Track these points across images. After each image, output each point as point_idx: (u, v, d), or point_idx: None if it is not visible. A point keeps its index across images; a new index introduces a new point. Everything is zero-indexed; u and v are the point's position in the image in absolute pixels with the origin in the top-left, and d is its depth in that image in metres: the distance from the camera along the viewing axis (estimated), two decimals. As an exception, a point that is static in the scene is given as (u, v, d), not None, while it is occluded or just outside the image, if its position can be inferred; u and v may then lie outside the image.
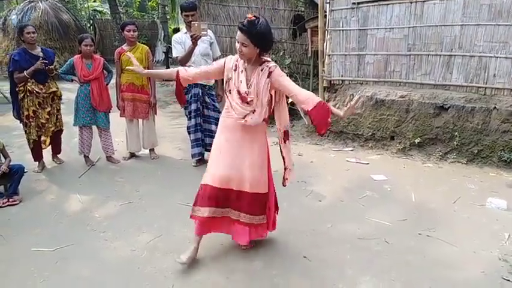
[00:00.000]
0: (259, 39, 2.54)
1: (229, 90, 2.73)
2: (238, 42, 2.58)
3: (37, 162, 4.79)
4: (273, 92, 2.76)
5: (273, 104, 2.84)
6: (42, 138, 4.76)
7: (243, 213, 2.87)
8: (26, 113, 4.53)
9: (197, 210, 2.89)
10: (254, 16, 2.53)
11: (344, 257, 3.01)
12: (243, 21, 2.54)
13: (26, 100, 4.49)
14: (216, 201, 2.85)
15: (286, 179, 3.01)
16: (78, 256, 3.03)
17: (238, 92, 2.66)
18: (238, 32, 2.55)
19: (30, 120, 4.55)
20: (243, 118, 2.69)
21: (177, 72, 2.83)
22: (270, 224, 3.06)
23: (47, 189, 4.29)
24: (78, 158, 5.05)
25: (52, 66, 4.49)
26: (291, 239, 3.25)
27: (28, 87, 4.46)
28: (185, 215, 3.63)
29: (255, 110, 2.67)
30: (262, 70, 2.65)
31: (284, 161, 2.96)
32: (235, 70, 2.70)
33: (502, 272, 2.81)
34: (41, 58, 4.40)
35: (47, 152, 4.92)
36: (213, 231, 3.01)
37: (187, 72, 2.84)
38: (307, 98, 2.57)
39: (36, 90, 4.49)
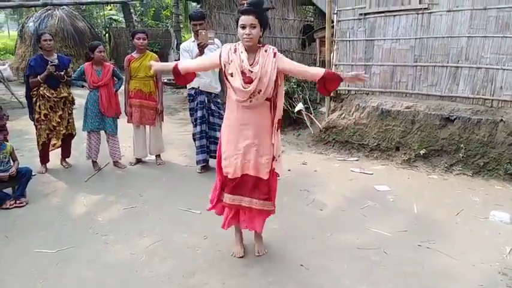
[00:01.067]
0: (265, 18, 2.66)
1: (231, 74, 2.68)
2: (244, 27, 2.59)
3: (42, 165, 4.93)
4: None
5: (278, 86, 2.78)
6: (53, 141, 4.91)
7: (255, 199, 2.89)
8: (37, 116, 4.70)
9: (225, 197, 2.97)
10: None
11: (341, 267, 3.01)
12: (247, 5, 2.60)
13: (38, 103, 4.68)
14: (229, 188, 2.90)
15: (275, 169, 2.93)
16: (79, 258, 3.09)
17: (242, 73, 2.65)
18: (244, 16, 2.58)
19: (41, 123, 4.72)
20: (248, 99, 2.67)
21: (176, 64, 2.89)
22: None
23: (53, 192, 4.38)
24: (86, 162, 5.15)
25: (62, 73, 4.63)
26: (289, 247, 3.25)
27: (40, 92, 4.64)
28: (186, 221, 3.71)
29: (260, 90, 2.64)
30: (266, 51, 2.67)
31: (274, 150, 2.87)
32: (235, 52, 2.70)
33: (500, 286, 2.77)
34: (50, 62, 4.54)
35: (55, 156, 5.02)
36: (233, 223, 3.04)
37: (184, 63, 2.95)
38: (317, 71, 2.71)
39: (48, 94, 4.65)
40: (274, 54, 2.68)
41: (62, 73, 4.65)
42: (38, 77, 4.56)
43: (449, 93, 5.16)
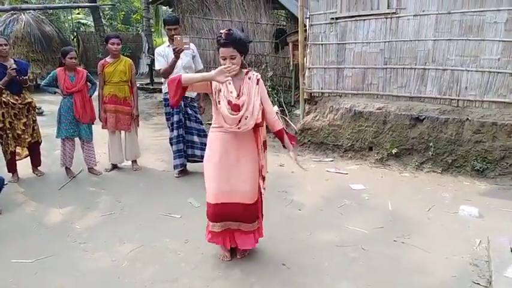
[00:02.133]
0: (243, 45, 2.69)
1: (219, 101, 2.78)
2: (224, 59, 2.65)
3: (11, 174, 4.78)
4: None
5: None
6: (17, 149, 4.76)
7: (243, 222, 2.98)
8: (1, 125, 4.52)
9: (212, 226, 3.00)
10: (226, 29, 2.68)
11: (322, 264, 3.09)
12: (222, 38, 2.63)
13: (1, 112, 4.49)
14: (218, 216, 2.94)
15: (264, 188, 3.06)
16: (58, 267, 3.04)
17: (229, 102, 2.73)
18: (223, 49, 2.64)
19: (8, 132, 4.56)
20: (236, 125, 2.75)
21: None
22: (261, 231, 3.15)
23: (27, 201, 4.27)
24: (59, 170, 5.04)
25: (26, 77, 4.50)
26: (271, 247, 3.31)
27: (3, 99, 4.47)
28: (167, 226, 3.70)
29: (247, 117, 2.74)
30: (250, 78, 2.79)
31: (262, 171, 3.01)
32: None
33: (473, 276, 2.92)
34: (8, 66, 4.39)
35: (27, 165, 4.89)
36: (219, 243, 3.09)
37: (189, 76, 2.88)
38: (274, 124, 2.92)
39: (12, 101, 4.50)
40: (257, 81, 2.80)
41: (26, 77, 4.52)
42: None
43: (418, 94, 5.37)
